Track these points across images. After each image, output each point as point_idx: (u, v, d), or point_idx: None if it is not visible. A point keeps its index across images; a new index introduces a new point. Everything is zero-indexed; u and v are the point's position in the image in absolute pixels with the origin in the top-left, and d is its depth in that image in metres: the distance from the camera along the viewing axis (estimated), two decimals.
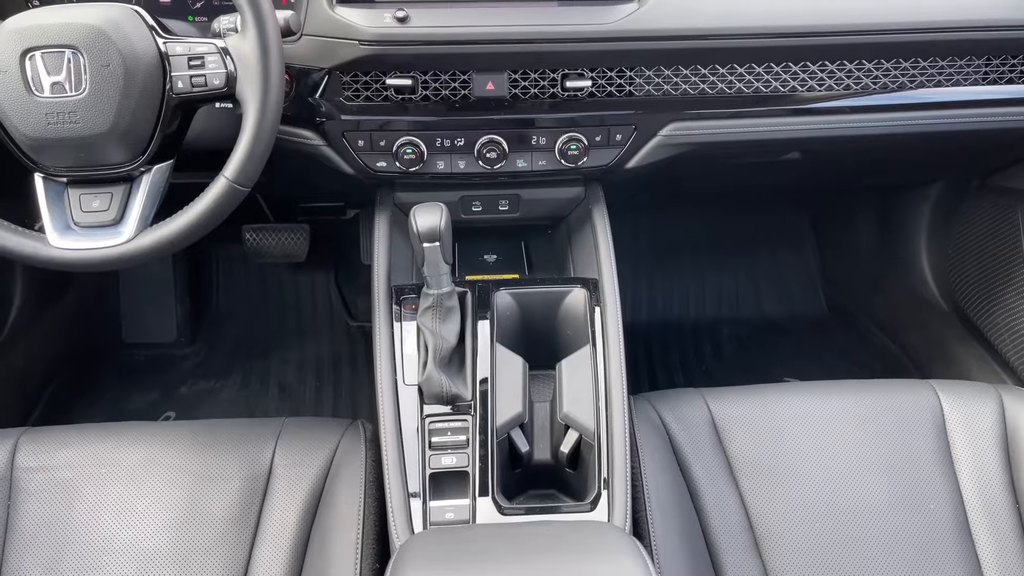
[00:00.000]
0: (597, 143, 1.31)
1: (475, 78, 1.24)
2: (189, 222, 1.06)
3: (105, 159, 1.06)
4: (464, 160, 1.31)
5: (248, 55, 1.04)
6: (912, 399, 1.30)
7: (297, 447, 1.22)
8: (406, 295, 1.28)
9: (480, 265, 1.47)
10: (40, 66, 1.01)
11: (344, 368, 2.19)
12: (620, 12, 1.21)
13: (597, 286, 1.30)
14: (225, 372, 2.16)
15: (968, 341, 1.82)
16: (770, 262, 2.38)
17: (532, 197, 1.42)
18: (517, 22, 1.20)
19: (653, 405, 1.29)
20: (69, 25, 1.01)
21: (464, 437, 1.15)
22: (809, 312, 2.34)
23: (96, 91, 1.01)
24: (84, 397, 2.02)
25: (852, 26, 1.25)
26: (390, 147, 1.28)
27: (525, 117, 1.28)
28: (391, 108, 1.27)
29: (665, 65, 1.26)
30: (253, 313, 2.32)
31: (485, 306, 1.26)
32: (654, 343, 2.25)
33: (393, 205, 1.40)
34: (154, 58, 1.04)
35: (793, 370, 2.04)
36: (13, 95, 1.01)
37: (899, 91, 1.34)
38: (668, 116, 1.31)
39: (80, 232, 1.08)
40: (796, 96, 1.32)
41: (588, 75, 1.25)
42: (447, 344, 1.19)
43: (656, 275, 2.34)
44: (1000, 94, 1.36)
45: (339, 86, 1.24)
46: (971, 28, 1.28)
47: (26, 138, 1.03)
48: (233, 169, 1.05)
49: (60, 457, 1.21)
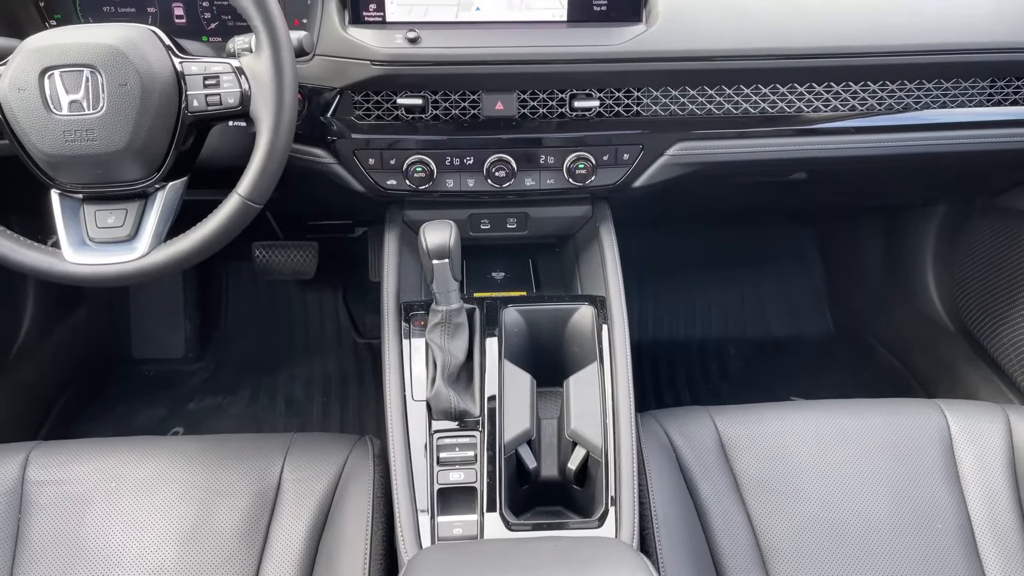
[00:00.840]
0: (605, 162, 1.32)
1: (484, 98, 1.26)
2: (202, 238, 1.08)
3: (121, 176, 1.07)
4: (473, 178, 1.32)
5: (262, 75, 1.06)
6: (919, 418, 1.30)
7: (306, 462, 1.23)
8: (415, 312, 1.29)
9: (488, 282, 1.48)
10: (59, 84, 1.02)
11: (351, 385, 2.20)
12: (628, 34, 1.23)
13: (604, 303, 1.31)
14: (233, 388, 2.17)
15: (975, 361, 1.82)
16: (776, 281, 2.38)
17: (540, 215, 1.43)
18: (526, 43, 1.22)
19: (660, 423, 1.30)
20: (88, 45, 1.03)
21: (472, 453, 1.16)
22: (815, 331, 2.34)
23: (113, 109, 1.03)
24: (93, 412, 2.03)
25: (857, 48, 1.27)
26: (400, 165, 1.30)
27: (533, 136, 1.30)
28: (401, 127, 1.28)
29: (672, 86, 1.28)
30: (262, 329, 2.33)
31: (493, 323, 1.27)
32: (661, 361, 2.25)
33: (402, 223, 1.41)
34: (170, 77, 1.06)
35: (800, 389, 2.04)
36: (32, 113, 1.02)
37: (904, 112, 1.35)
38: (675, 136, 1.32)
39: (95, 248, 1.09)
40: (802, 117, 1.33)
41: (596, 95, 1.27)
42: (455, 360, 1.20)
43: (663, 293, 2.35)
44: (1004, 115, 1.37)
45: (351, 105, 1.26)
46: (975, 50, 1.29)
47: (44, 155, 1.04)
48: (246, 186, 1.06)
49: (70, 471, 1.22)
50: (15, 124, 1.04)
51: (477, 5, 1.22)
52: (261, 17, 1.03)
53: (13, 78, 1.03)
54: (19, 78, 1.02)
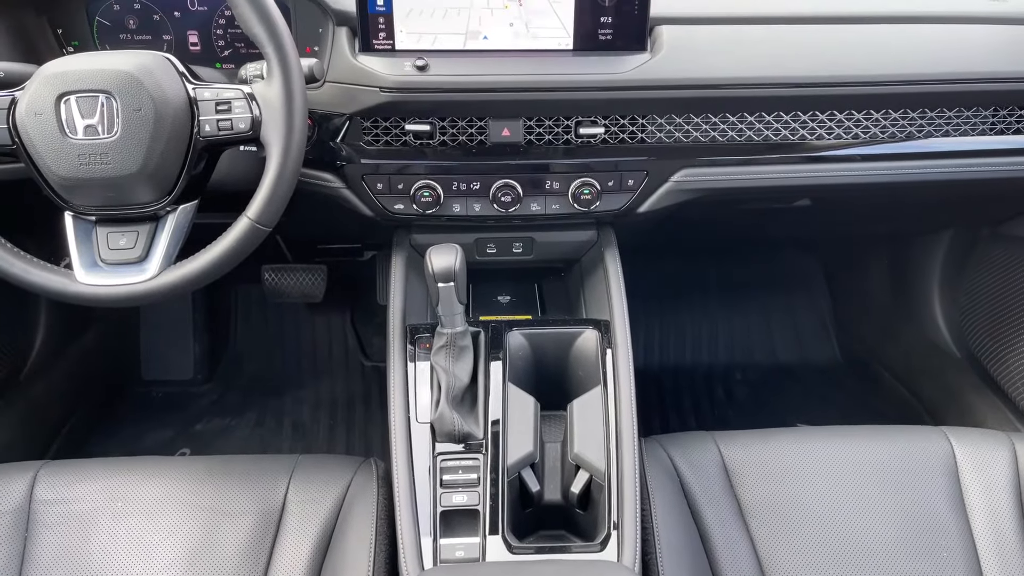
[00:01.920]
0: (609, 188, 1.34)
1: (491, 124, 1.28)
2: (211, 260, 1.10)
3: (133, 199, 1.09)
4: (479, 203, 1.34)
5: (273, 101, 1.08)
6: (925, 446, 1.30)
7: (310, 484, 1.23)
8: (420, 334, 1.30)
9: (494, 306, 1.49)
10: (75, 109, 1.05)
11: (358, 407, 2.20)
12: (633, 62, 1.25)
13: (609, 328, 1.32)
14: (240, 410, 2.18)
15: (982, 389, 1.81)
16: (782, 307, 2.38)
17: (546, 240, 1.45)
18: (533, 71, 1.24)
19: (664, 448, 1.30)
20: (104, 71, 1.05)
21: (475, 475, 1.16)
22: (822, 358, 2.34)
23: (127, 134, 1.05)
24: (102, 432, 2.05)
25: (859, 77, 1.28)
26: (408, 190, 1.32)
27: (539, 162, 1.32)
28: (409, 152, 1.30)
29: (676, 113, 1.30)
30: (270, 352, 2.34)
31: (498, 346, 1.28)
32: (667, 386, 2.25)
33: (409, 246, 1.43)
34: (183, 103, 1.08)
35: (806, 416, 2.03)
36: (48, 137, 1.05)
37: (907, 140, 1.36)
38: (679, 163, 1.34)
39: (106, 269, 1.11)
40: (806, 144, 1.35)
41: (601, 122, 1.28)
42: (460, 383, 1.21)
43: (669, 319, 2.36)
44: (1007, 144, 1.38)
45: (359, 131, 1.28)
46: (977, 80, 1.31)
47: (59, 178, 1.06)
48: (255, 209, 1.08)
49: (77, 490, 1.22)
50: (31, 148, 1.06)
51: (484, 34, 1.24)
52: (273, 45, 1.06)
53: (30, 103, 1.05)
54: (36, 103, 1.05)
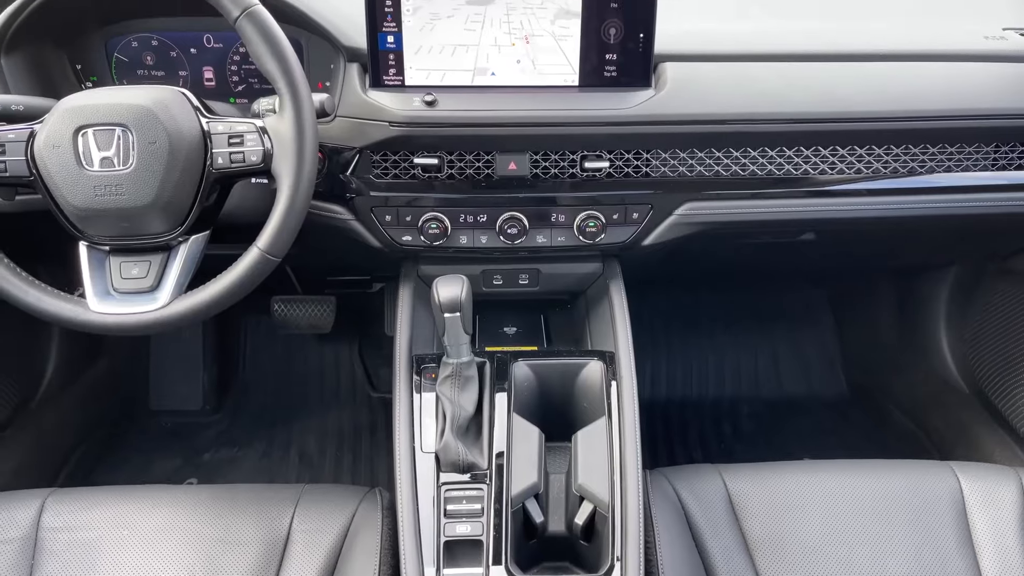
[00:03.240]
0: (615, 221, 1.35)
1: (498, 158, 1.30)
2: (222, 289, 1.11)
3: (146, 229, 1.12)
4: (486, 235, 1.36)
5: (284, 134, 1.10)
6: (931, 480, 1.29)
7: (315, 513, 1.24)
8: (427, 364, 1.31)
9: (500, 337, 1.50)
10: (91, 142, 1.07)
11: (364, 438, 2.21)
12: (637, 98, 1.27)
13: (613, 359, 1.33)
14: (248, 440, 2.19)
15: (989, 423, 1.81)
16: (789, 340, 2.38)
17: (551, 272, 1.46)
18: (539, 107, 1.27)
19: (669, 480, 1.30)
20: (121, 105, 1.08)
21: (479, 506, 1.16)
22: (829, 391, 2.33)
23: (142, 166, 1.07)
24: (110, 461, 2.06)
25: (861, 113, 1.30)
26: (416, 222, 1.34)
27: (545, 196, 1.34)
28: (418, 185, 1.33)
29: (680, 148, 1.32)
30: (278, 382, 2.36)
31: (503, 376, 1.29)
32: (673, 419, 2.25)
33: (417, 277, 1.45)
34: (197, 136, 1.11)
35: (813, 450, 2.02)
36: (65, 168, 1.07)
37: (910, 176, 1.37)
38: (684, 196, 1.36)
39: (118, 298, 1.13)
40: (809, 179, 1.36)
41: (606, 156, 1.30)
42: (465, 413, 1.22)
43: (676, 351, 2.36)
44: (1009, 180, 1.39)
45: (369, 164, 1.31)
46: (977, 116, 1.32)
47: (74, 208, 1.09)
48: (266, 240, 1.10)
49: (84, 518, 1.23)
50: (48, 179, 1.09)
51: (492, 70, 1.27)
52: (285, 80, 1.09)
53: (49, 135, 1.08)
54: (54, 136, 1.08)
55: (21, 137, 1.10)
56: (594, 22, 1.24)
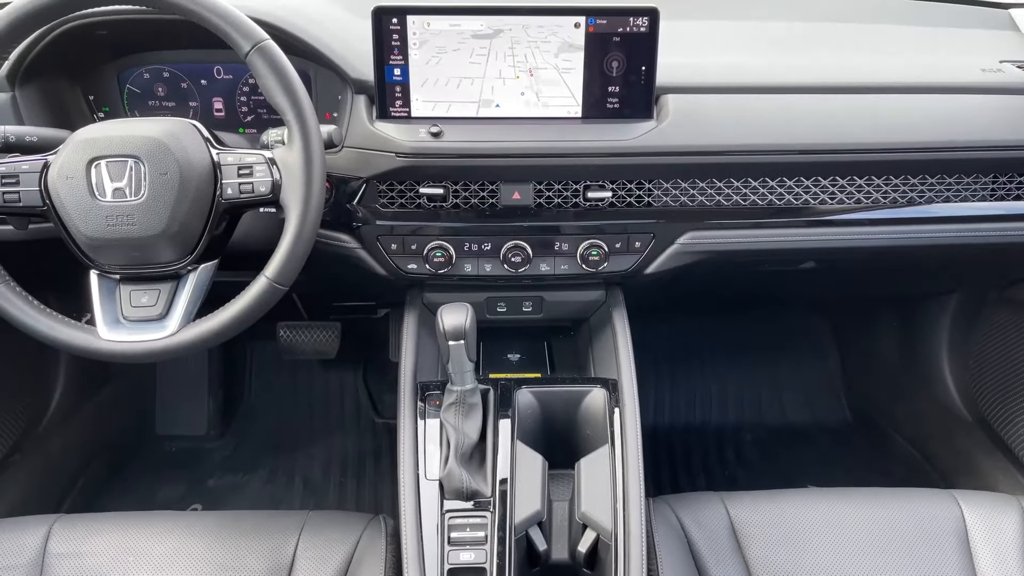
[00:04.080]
0: (617, 249, 1.37)
1: (502, 188, 1.32)
2: (230, 317, 1.13)
3: (156, 258, 1.13)
4: (490, 263, 1.37)
5: (293, 165, 1.12)
6: (934, 509, 1.30)
7: (320, 540, 1.24)
8: (431, 391, 1.32)
9: (504, 364, 1.51)
10: (104, 173, 1.10)
11: (368, 464, 2.21)
12: (639, 129, 1.29)
13: (616, 387, 1.34)
14: (252, 466, 2.19)
15: (992, 452, 1.81)
16: (792, 368, 2.39)
17: (555, 299, 1.48)
18: (542, 138, 1.29)
19: (672, 508, 1.30)
20: (133, 137, 1.11)
21: (483, 533, 1.16)
22: (832, 419, 2.33)
23: (153, 196, 1.09)
24: (115, 487, 2.06)
25: (860, 144, 1.32)
26: (421, 250, 1.36)
27: (549, 224, 1.36)
28: (423, 214, 1.35)
29: (682, 178, 1.33)
30: (283, 408, 2.37)
31: (507, 404, 1.30)
32: (677, 446, 2.25)
33: (422, 305, 1.46)
34: (207, 167, 1.13)
35: (816, 478, 2.02)
36: (78, 199, 1.10)
37: (909, 206, 1.39)
38: (685, 225, 1.37)
39: (128, 326, 1.15)
40: (809, 208, 1.38)
41: (609, 186, 1.32)
42: (469, 440, 1.22)
43: (679, 378, 2.36)
44: (1007, 210, 1.41)
45: (375, 194, 1.33)
46: (974, 148, 1.34)
47: (86, 238, 1.11)
48: (274, 269, 1.12)
49: (90, 544, 1.24)
50: (61, 209, 1.11)
51: (497, 102, 1.30)
52: (294, 112, 1.11)
53: (62, 166, 1.10)
54: (68, 167, 1.10)
55: (35, 168, 1.12)
56: (597, 56, 1.26)
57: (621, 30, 1.25)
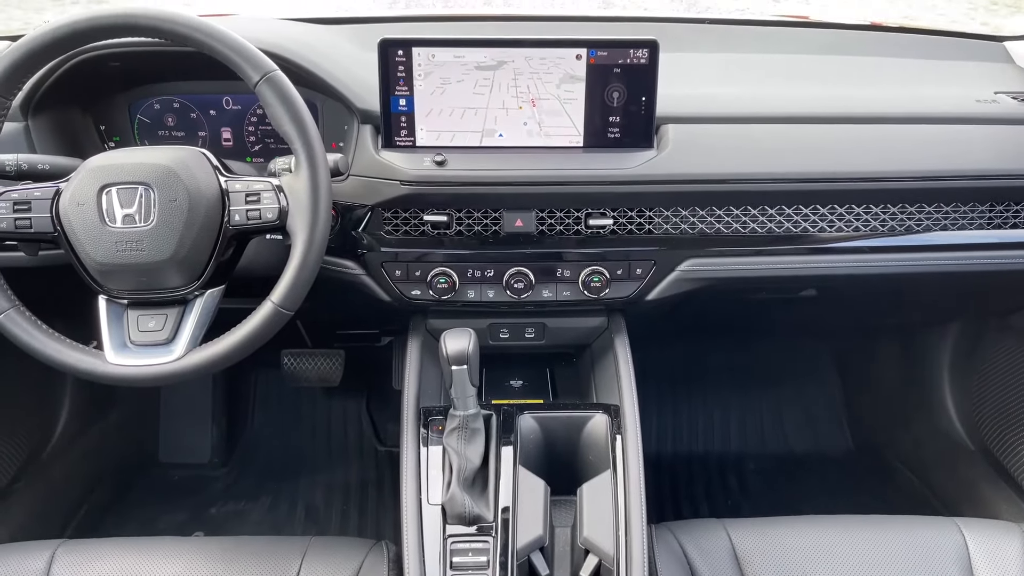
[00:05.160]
0: (618, 276, 1.39)
1: (505, 216, 1.34)
2: (236, 342, 1.14)
3: (164, 283, 1.15)
4: (493, 290, 1.39)
5: (300, 193, 1.14)
6: (936, 536, 1.29)
7: (322, 566, 1.24)
8: (434, 416, 1.33)
9: (506, 390, 1.52)
10: (115, 200, 1.12)
11: (371, 492, 2.21)
12: (640, 158, 1.32)
13: (619, 412, 1.34)
14: (255, 494, 2.19)
15: (995, 480, 1.80)
16: (794, 396, 2.39)
17: (557, 326, 1.49)
18: (545, 166, 1.31)
19: (674, 534, 1.30)
20: (144, 164, 1.13)
21: (485, 558, 1.16)
22: (835, 447, 2.33)
23: (162, 222, 1.11)
24: (118, 513, 2.06)
25: (856, 173, 1.34)
26: (425, 277, 1.38)
27: (551, 251, 1.37)
28: (427, 241, 1.37)
29: (682, 206, 1.35)
30: (285, 436, 2.37)
31: (509, 429, 1.30)
32: (680, 474, 2.24)
33: (425, 331, 1.48)
34: (216, 194, 1.15)
35: (819, 506, 2.01)
36: (88, 225, 1.12)
37: (907, 234, 1.41)
38: (686, 252, 1.39)
39: (135, 350, 1.16)
40: (808, 236, 1.40)
41: (610, 214, 1.34)
42: (471, 465, 1.23)
43: (682, 406, 2.37)
44: (1004, 238, 1.42)
45: (380, 221, 1.35)
46: (970, 177, 1.36)
47: (96, 263, 1.13)
48: (280, 294, 1.13)
49: (93, 570, 1.23)
50: (72, 235, 1.13)
51: (500, 132, 1.32)
52: (301, 141, 1.13)
53: (74, 193, 1.12)
54: (79, 194, 1.12)
55: (47, 195, 1.14)
56: (598, 86, 1.29)
57: (622, 62, 1.27)
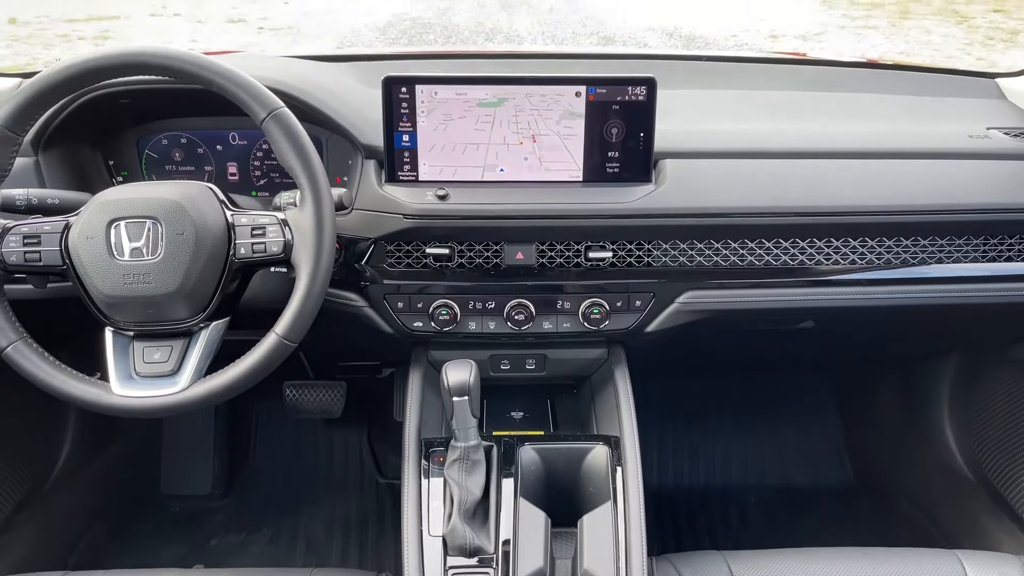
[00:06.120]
0: (618, 308, 1.40)
1: (506, 248, 1.36)
2: (240, 373, 1.16)
3: (170, 315, 1.17)
4: (494, 321, 1.41)
5: (304, 226, 1.17)
6: (937, 569, 1.29)
7: None
8: (435, 448, 1.34)
9: (507, 422, 1.53)
10: (123, 233, 1.14)
11: (371, 525, 2.20)
12: (638, 193, 1.34)
13: (619, 444, 1.35)
14: (256, 526, 2.19)
15: (996, 513, 1.80)
16: (795, 429, 2.39)
17: (558, 357, 1.50)
18: (545, 200, 1.33)
19: (675, 566, 1.30)
20: (152, 199, 1.15)
21: None
22: (835, 480, 2.32)
23: (169, 255, 1.13)
24: (119, 546, 2.05)
25: (851, 207, 1.36)
26: (427, 308, 1.39)
27: (551, 284, 1.39)
28: (429, 274, 1.39)
29: (680, 239, 1.38)
30: (287, 467, 2.37)
31: (510, 461, 1.31)
32: (680, 506, 2.24)
33: (427, 363, 1.49)
34: (222, 227, 1.17)
35: (820, 540, 2.00)
36: (97, 258, 1.14)
37: (903, 267, 1.42)
38: (685, 285, 1.41)
39: (140, 381, 1.17)
40: (805, 269, 1.41)
41: (609, 247, 1.36)
42: (472, 496, 1.23)
43: (683, 438, 2.36)
44: (999, 271, 1.44)
45: (383, 254, 1.37)
46: (963, 211, 1.38)
47: (103, 296, 1.14)
48: (284, 326, 1.15)
49: None
50: (80, 268, 1.15)
51: (501, 167, 1.35)
52: (307, 176, 1.15)
53: (83, 227, 1.15)
54: (89, 227, 1.14)
55: (57, 229, 1.17)
56: (597, 122, 1.32)
57: (620, 98, 1.30)
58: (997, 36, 9.49)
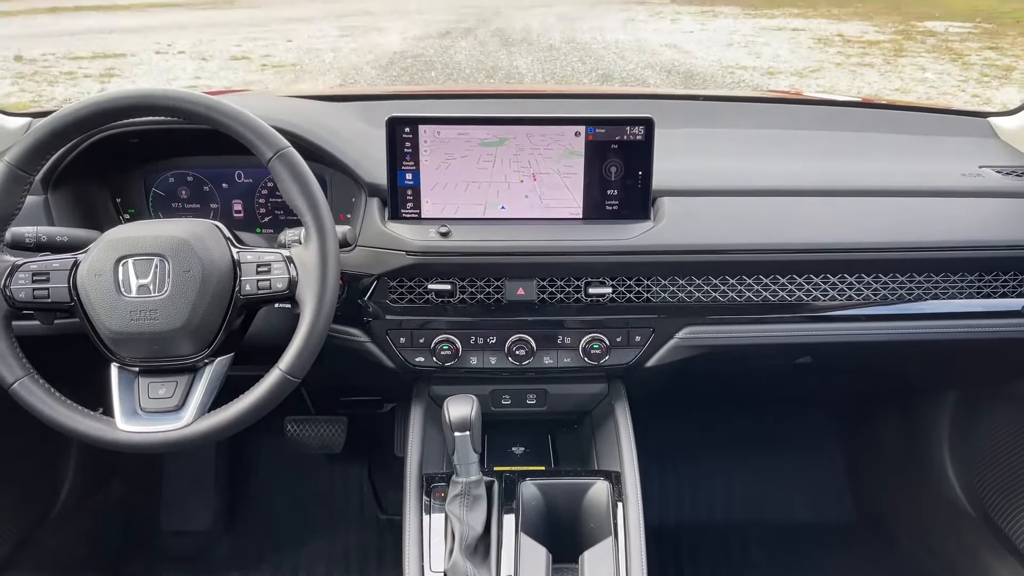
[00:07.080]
0: (618, 343, 1.42)
1: (507, 284, 1.38)
2: (244, 408, 1.17)
3: (175, 351, 1.18)
4: (495, 356, 1.42)
5: (309, 263, 1.18)
6: None
7: None
8: (436, 483, 1.34)
9: (508, 457, 1.53)
10: (131, 271, 1.16)
11: (372, 562, 2.19)
12: (637, 230, 1.36)
13: (620, 479, 1.35)
14: (256, 563, 2.17)
15: (998, 550, 1.79)
16: (796, 465, 2.38)
17: (558, 392, 1.51)
18: (545, 237, 1.35)
19: None
20: (160, 237, 1.17)
21: None
22: (836, 514, 2.31)
23: (176, 292, 1.15)
24: None
25: (847, 244, 1.38)
26: (428, 344, 1.41)
27: (552, 319, 1.41)
28: (431, 309, 1.40)
29: (679, 275, 1.39)
30: (287, 503, 2.36)
31: (511, 496, 1.31)
32: (682, 542, 2.23)
33: (428, 397, 1.50)
34: (228, 264, 1.19)
35: None
36: (104, 295, 1.15)
37: (899, 303, 1.44)
38: (684, 320, 1.42)
39: (144, 417, 1.18)
40: (804, 305, 1.43)
41: (609, 283, 1.38)
42: (473, 532, 1.24)
43: (684, 473, 2.36)
44: (995, 307, 1.45)
45: (386, 290, 1.39)
46: (958, 248, 1.40)
47: (110, 332, 1.16)
48: (287, 362, 1.16)
49: None
50: (88, 304, 1.16)
51: (502, 204, 1.37)
52: (311, 214, 1.17)
53: (91, 265, 1.16)
54: (97, 265, 1.16)
55: (65, 266, 1.18)
56: (596, 161, 1.34)
57: (619, 138, 1.33)
58: (992, 73, 9.61)
